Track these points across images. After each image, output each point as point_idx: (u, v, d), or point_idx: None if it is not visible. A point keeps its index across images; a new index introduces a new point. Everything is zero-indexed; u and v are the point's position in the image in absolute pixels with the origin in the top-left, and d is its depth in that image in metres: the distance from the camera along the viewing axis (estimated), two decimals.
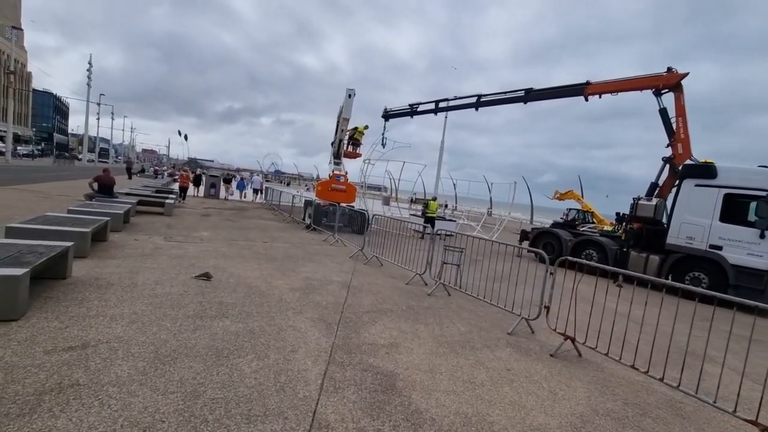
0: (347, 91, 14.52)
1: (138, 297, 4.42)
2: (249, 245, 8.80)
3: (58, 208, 9.04)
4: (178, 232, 9.26)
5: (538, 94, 13.87)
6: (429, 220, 15.78)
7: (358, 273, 7.43)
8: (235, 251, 7.90)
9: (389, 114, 19.24)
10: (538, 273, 5.87)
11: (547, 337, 5.04)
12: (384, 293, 6.15)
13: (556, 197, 32.31)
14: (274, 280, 6.03)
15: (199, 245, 8.02)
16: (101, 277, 4.99)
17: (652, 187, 11.55)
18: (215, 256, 7.17)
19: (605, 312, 4.27)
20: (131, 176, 31.74)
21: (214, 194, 22.51)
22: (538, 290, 5.84)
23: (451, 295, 6.57)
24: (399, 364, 3.64)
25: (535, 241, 13.24)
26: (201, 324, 3.89)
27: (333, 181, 14.64)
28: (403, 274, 7.77)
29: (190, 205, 16.21)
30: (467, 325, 5.14)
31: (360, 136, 17.21)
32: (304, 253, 8.73)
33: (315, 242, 10.66)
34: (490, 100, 15.25)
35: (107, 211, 8.21)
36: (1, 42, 65.07)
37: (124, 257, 6.22)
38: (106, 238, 7.19)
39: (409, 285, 6.93)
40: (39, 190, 14.44)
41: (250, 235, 10.41)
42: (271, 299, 5.06)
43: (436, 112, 17.44)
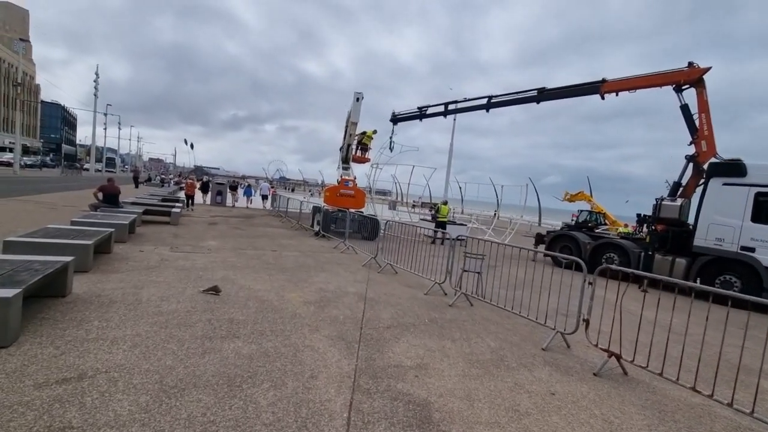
0: (355, 95, 14.21)
1: (142, 316, 4.08)
2: (258, 254, 8.46)
3: (62, 220, 8.79)
4: (184, 242, 8.95)
5: (552, 93, 13.47)
6: (440, 225, 15.38)
7: (373, 282, 7.05)
8: (244, 261, 7.57)
9: (398, 117, 18.92)
10: (560, 279, 5.47)
11: (584, 352, 4.62)
12: (403, 305, 5.76)
13: (566, 199, 31.71)
14: (286, 293, 5.67)
15: (206, 256, 7.69)
16: (103, 293, 4.66)
17: (675, 186, 11.07)
18: (224, 267, 6.83)
19: (639, 321, 3.87)
20: (138, 185, 31.73)
21: (221, 202, 22.31)
22: (564, 298, 5.44)
23: (473, 306, 6.16)
24: (431, 390, 3.25)
25: (552, 245, 12.77)
26: (210, 346, 3.53)
27: (341, 186, 14.32)
28: (419, 282, 7.38)
29: (197, 213, 15.97)
30: (497, 339, 4.73)
31: (369, 141, 16.90)
32: (316, 262, 8.38)
33: (325, 250, 10.30)
34: (502, 101, 14.86)
35: (112, 222, 7.93)
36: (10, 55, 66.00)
37: (129, 270, 5.90)
38: (110, 250, 6.89)
39: (428, 295, 6.54)
40: (45, 201, 14.27)
41: (258, 243, 10.08)
42: (285, 314, 4.69)
43: (446, 114, 17.08)
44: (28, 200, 14.04)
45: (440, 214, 15.53)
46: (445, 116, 17.41)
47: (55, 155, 79.55)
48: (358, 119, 14.54)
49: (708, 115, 10.61)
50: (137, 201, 13.14)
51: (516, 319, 5.60)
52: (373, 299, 5.88)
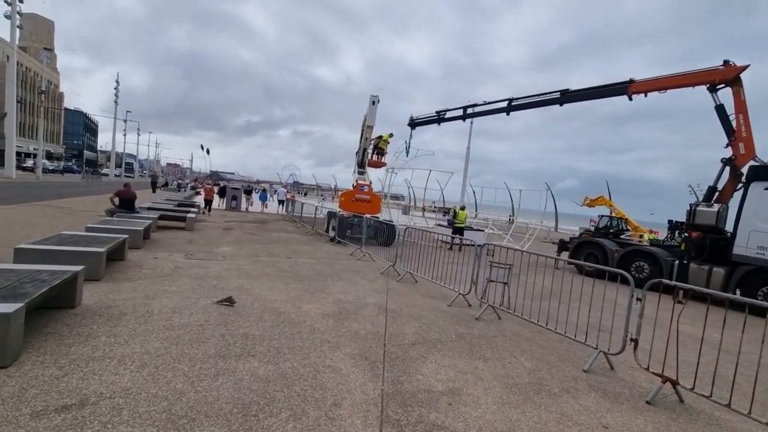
0: (371, 98, 13.99)
1: (152, 330, 3.83)
2: (273, 262, 8.22)
3: (79, 225, 8.73)
4: (199, 249, 8.78)
5: (576, 95, 12.98)
6: (458, 231, 14.98)
7: (392, 292, 6.71)
8: (259, 269, 7.32)
9: (415, 122, 18.62)
10: (590, 290, 5.03)
11: (630, 374, 4.19)
12: (426, 318, 5.40)
13: (585, 204, 30.88)
14: (303, 304, 5.38)
15: (221, 263, 7.48)
16: (114, 304, 4.44)
17: (711, 191, 10.44)
18: (238, 276, 6.60)
19: (680, 337, 3.45)
20: (155, 190, 32.16)
21: (236, 206, 22.33)
22: (599, 312, 4.99)
23: (501, 319, 5.76)
24: (468, 421, 2.88)
25: (576, 252, 12.22)
26: (224, 367, 3.25)
27: (357, 191, 14.06)
28: (441, 292, 7.02)
29: (212, 219, 15.91)
30: (532, 359, 4.33)
31: (385, 145, 16.60)
32: (332, 270, 8.09)
33: (341, 257, 10.02)
34: (523, 104, 14.41)
35: (126, 228, 7.80)
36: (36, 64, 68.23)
37: (142, 279, 5.70)
38: (123, 257, 6.73)
39: (451, 307, 6.16)
40: (64, 206, 14.40)
41: (273, 249, 9.86)
42: (303, 329, 4.39)
43: (465, 118, 16.70)
44: (48, 205, 14.18)
45: (458, 219, 15.12)
46: (464, 120, 17.03)
47: (78, 161, 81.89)
48: (374, 123, 14.30)
49: (746, 115, 9.99)
50: (153, 206, 13.12)
51: (549, 335, 5.19)
52: (394, 311, 5.54)
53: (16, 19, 29.86)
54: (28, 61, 70.20)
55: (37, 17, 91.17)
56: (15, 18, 29.60)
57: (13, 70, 29.55)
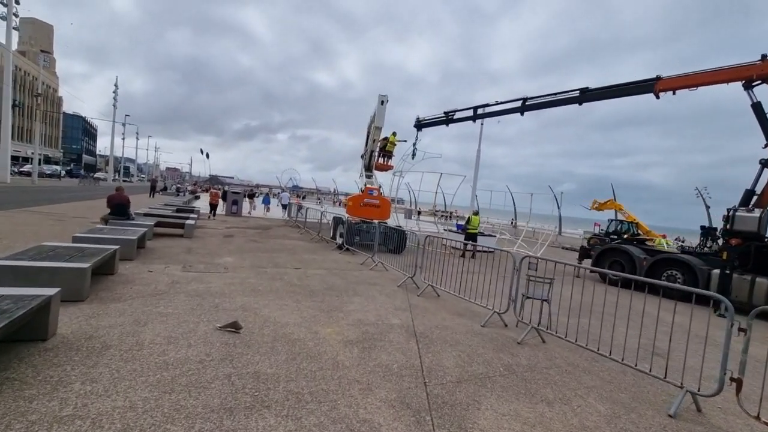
0: (379, 98, 13.28)
1: (141, 371, 3.07)
2: (280, 274, 7.47)
3: (67, 234, 7.99)
4: (198, 259, 8.03)
5: (597, 93, 12.29)
6: (470, 237, 14.24)
7: (416, 310, 5.96)
8: (265, 283, 6.57)
9: (422, 123, 17.94)
10: (627, 303, 4.26)
11: (725, 419, 3.44)
12: (463, 343, 4.65)
13: (594, 207, 30.13)
14: (319, 327, 4.63)
15: (223, 276, 6.73)
16: (96, 334, 3.68)
17: (748, 195, 9.74)
18: (243, 292, 5.84)
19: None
20: (154, 194, 31.41)
21: (236, 212, 21.55)
22: (642, 329, 4.23)
23: (546, 342, 5.01)
24: None
25: (600, 260, 11.49)
26: (231, 427, 2.49)
27: (365, 195, 13.32)
28: (468, 309, 6.28)
29: (212, 225, 15.15)
30: (602, 399, 3.58)
31: (392, 147, 15.87)
32: (345, 282, 7.34)
33: (352, 266, 9.26)
34: (539, 103, 13.73)
35: (118, 237, 7.05)
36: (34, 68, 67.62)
37: (132, 298, 4.95)
38: (113, 271, 5.97)
39: (486, 328, 5.41)
40: (56, 212, 13.65)
41: (279, 259, 9.11)
42: (324, 363, 3.64)
43: (475, 119, 16.03)
44: (38, 211, 13.43)
45: (471, 225, 14.38)
46: (474, 120, 16.36)
47: (77, 165, 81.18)
48: (383, 124, 13.58)
49: None
50: (150, 212, 12.37)
51: (606, 364, 4.45)
52: (424, 335, 4.79)
53: (12, 21, 29.25)
54: (26, 64, 69.65)
55: (36, 21, 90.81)
56: (11, 20, 28.99)
57: (8, 72, 28.86)
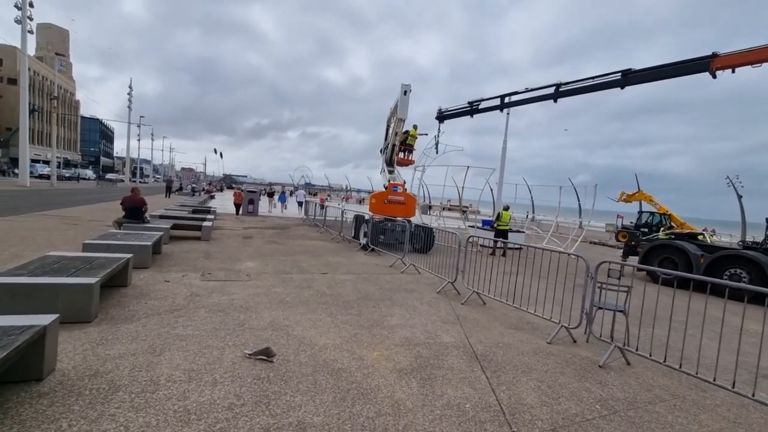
0: (402, 87, 12.42)
1: (156, 425, 2.40)
2: (307, 281, 6.79)
3: (80, 239, 7.47)
4: (218, 265, 7.41)
5: (641, 75, 11.22)
6: (501, 234, 13.36)
7: (466, 322, 5.20)
8: (293, 292, 5.89)
9: (444, 114, 17.06)
10: (693, 308, 3.37)
11: None
12: (537, 369, 3.87)
13: (622, 199, 28.80)
14: (364, 350, 3.91)
15: (246, 285, 6.08)
16: (103, 369, 3.03)
17: None
18: (270, 304, 5.17)
19: None
20: (170, 194, 31.25)
21: (252, 211, 21.05)
22: (730, 342, 3.38)
23: (631, 364, 4.20)
24: None
25: (648, 257, 10.50)
26: None
27: (389, 192, 12.55)
28: (522, 319, 5.51)
29: (229, 226, 14.63)
30: None
31: (413, 141, 15.07)
32: (379, 290, 6.62)
33: (382, 269, 8.54)
34: (574, 89, 12.72)
35: (132, 244, 6.47)
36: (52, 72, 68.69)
37: (147, 316, 4.31)
38: (126, 283, 5.37)
39: (554, 345, 4.62)
40: (71, 216, 13.28)
41: (303, 263, 8.44)
42: (381, 405, 2.91)
43: (503, 108, 15.06)
44: (54, 215, 13.07)
45: (501, 221, 13.48)
46: (501, 110, 15.40)
47: (95, 167, 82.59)
48: (406, 115, 12.72)
49: None
50: (166, 214, 11.87)
51: (717, 393, 3.63)
52: (487, 358, 4.03)
53: (27, 24, 29.29)
54: (44, 69, 70.80)
55: (52, 27, 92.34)
56: (26, 23, 29.02)
57: (24, 76, 28.94)
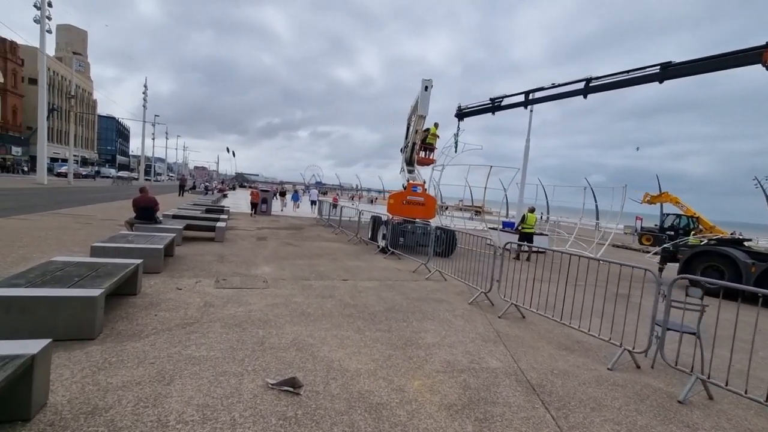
0: (423, 83, 11.86)
1: None
2: (328, 288, 6.29)
3: (90, 240, 7.12)
4: (233, 269, 6.97)
5: (683, 68, 10.44)
6: (525, 237, 12.69)
7: (509, 341, 4.63)
8: (314, 302, 5.40)
9: (464, 112, 16.43)
10: (744, 322, 2.72)
11: None
12: (607, 405, 3.28)
13: (646, 201, 27.68)
14: (402, 378, 3.38)
15: (263, 294, 5.61)
16: (103, 403, 2.56)
17: None
18: (291, 317, 4.68)
19: None
20: (183, 193, 31.23)
21: (266, 210, 20.70)
22: None
23: (713, 399, 3.58)
24: None
25: (691, 264, 9.74)
26: None
27: (409, 192, 12.01)
28: (570, 336, 4.93)
29: (243, 226, 14.27)
30: None
31: (433, 139, 14.47)
32: (406, 299, 6.08)
33: (405, 275, 8.00)
34: (606, 84, 11.96)
35: (143, 247, 6.06)
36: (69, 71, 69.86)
37: (157, 331, 3.85)
38: (136, 290, 4.94)
39: (616, 372, 4.02)
40: (85, 214, 13.07)
41: (321, 267, 7.96)
42: None
43: (527, 104, 14.40)
44: (68, 214, 12.87)
45: (526, 223, 12.81)
46: (526, 107, 14.75)
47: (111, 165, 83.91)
48: (427, 112, 12.15)
49: None
50: (179, 213, 11.53)
51: None
52: (545, 389, 3.46)
53: (45, 24, 29.54)
54: (63, 69, 72.03)
55: (72, 28, 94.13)
56: (44, 22, 29.27)
57: (42, 75, 29.20)
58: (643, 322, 4.45)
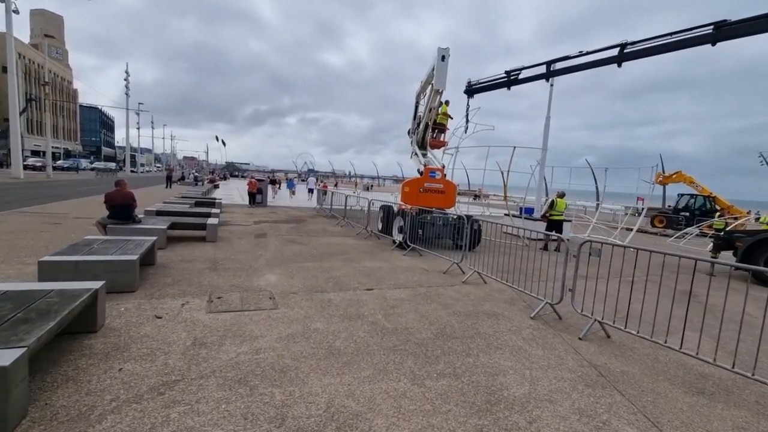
0: (439, 52, 10.27)
1: None
2: (353, 304, 4.94)
3: (51, 247, 5.68)
4: (230, 281, 5.58)
5: (738, 28, 9.03)
6: (554, 225, 11.41)
7: (617, 382, 3.35)
8: (341, 329, 4.05)
9: (475, 87, 14.91)
10: None
11: None
12: None
13: (658, 181, 26.58)
14: None
15: (272, 318, 4.24)
16: None
17: None
18: (315, 358, 3.34)
19: None
20: (170, 185, 29.43)
21: (261, 201, 19.16)
22: None
23: None
24: None
25: (753, 253, 8.55)
26: None
27: (426, 178, 10.60)
28: (684, 365, 3.67)
29: (237, 220, 12.79)
30: None
31: (445, 120, 12.97)
32: (454, 316, 4.77)
33: (436, 278, 6.68)
34: (644, 49, 10.52)
35: (113, 259, 4.64)
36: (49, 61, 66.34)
37: (116, 409, 2.48)
38: (96, 326, 3.54)
39: None
40: (56, 212, 11.50)
41: (336, 271, 6.60)
42: None
43: (549, 76, 12.91)
44: (36, 212, 11.29)
45: (556, 210, 11.51)
46: (547, 79, 13.27)
47: (95, 157, 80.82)
48: (444, 86, 10.62)
49: None
50: (163, 209, 10.02)
51: None
52: None
53: (11, 3, 27.06)
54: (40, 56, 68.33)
55: (46, 13, 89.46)
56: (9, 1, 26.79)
57: (11, 59, 26.87)
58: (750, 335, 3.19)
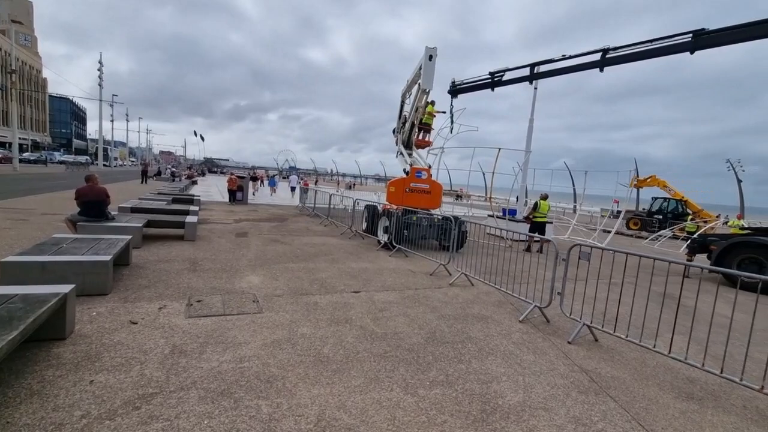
0: (426, 51, 10.21)
1: None
2: (339, 307, 4.79)
3: (16, 246, 5.30)
4: (210, 282, 5.34)
5: (716, 37, 9.32)
6: (537, 227, 11.55)
7: (609, 388, 3.34)
8: (329, 334, 3.91)
9: (459, 88, 14.94)
10: None
11: None
12: None
13: (633, 185, 27.39)
14: None
15: (256, 323, 4.06)
16: None
17: None
18: (303, 366, 3.19)
19: None
20: (146, 180, 28.42)
21: (241, 199, 18.71)
22: None
23: None
24: None
25: (725, 256, 8.85)
26: None
27: (412, 178, 10.52)
28: (671, 369, 3.71)
29: (217, 218, 12.40)
30: None
31: (430, 119, 12.92)
32: (441, 319, 4.69)
33: (423, 280, 6.60)
34: (626, 55, 10.74)
35: (84, 260, 4.35)
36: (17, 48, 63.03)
37: (87, 427, 2.28)
38: (65, 333, 3.28)
39: None
40: (23, 208, 10.86)
41: (321, 273, 6.44)
42: None
43: (533, 79, 13.03)
44: (1, 207, 10.62)
45: (539, 212, 11.64)
46: (531, 81, 13.39)
47: (66, 150, 77.39)
48: (431, 85, 10.57)
49: None
50: (139, 206, 9.59)
51: None
52: None
53: None
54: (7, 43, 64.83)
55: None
56: None
57: None
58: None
